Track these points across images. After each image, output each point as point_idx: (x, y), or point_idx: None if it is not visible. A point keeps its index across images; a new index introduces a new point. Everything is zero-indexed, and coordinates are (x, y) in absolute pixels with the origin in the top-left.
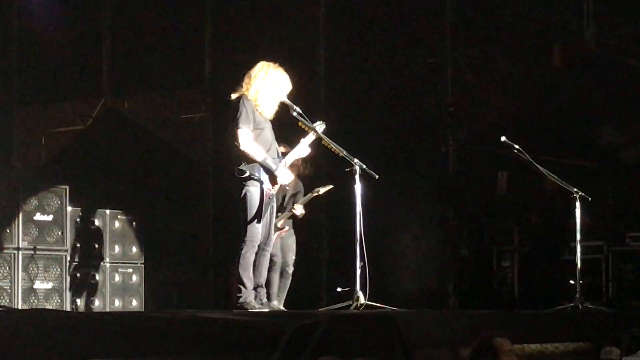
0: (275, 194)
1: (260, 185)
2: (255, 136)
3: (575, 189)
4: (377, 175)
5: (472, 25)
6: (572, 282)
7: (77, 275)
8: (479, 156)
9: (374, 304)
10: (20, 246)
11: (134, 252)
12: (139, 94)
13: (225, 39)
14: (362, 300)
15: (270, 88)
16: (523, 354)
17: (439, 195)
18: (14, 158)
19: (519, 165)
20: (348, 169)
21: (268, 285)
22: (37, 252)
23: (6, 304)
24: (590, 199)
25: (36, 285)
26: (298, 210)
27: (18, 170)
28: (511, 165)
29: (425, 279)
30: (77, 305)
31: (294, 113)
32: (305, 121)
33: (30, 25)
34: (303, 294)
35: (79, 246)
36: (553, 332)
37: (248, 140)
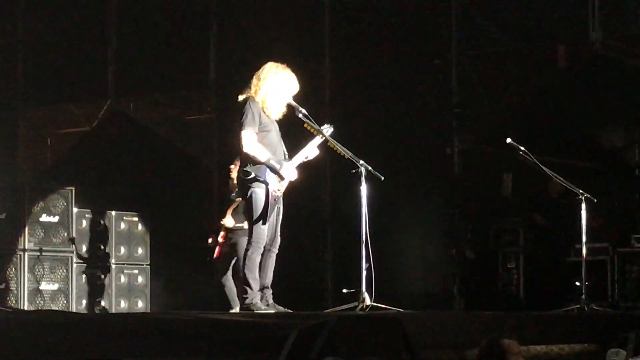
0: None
1: (266, 187)
2: (261, 138)
3: (581, 191)
4: (383, 177)
5: (478, 26)
6: (578, 284)
7: (83, 276)
8: (484, 157)
9: (379, 305)
10: (26, 247)
11: (139, 253)
12: (145, 95)
13: (230, 40)
14: (368, 301)
15: (279, 89)
16: (528, 355)
17: (445, 197)
18: (20, 159)
19: (524, 167)
20: (354, 171)
21: None
22: (43, 254)
23: (12, 305)
24: (595, 200)
25: (42, 286)
26: (228, 223)
27: (24, 171)
28: (516, 167)
29: (431, 280)
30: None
31: (300, 115)
32: (311, 123)
33: (36, 27)
34: (309, 295)
35: (85, 247)
36: (558, 334)
37: (251, 142)
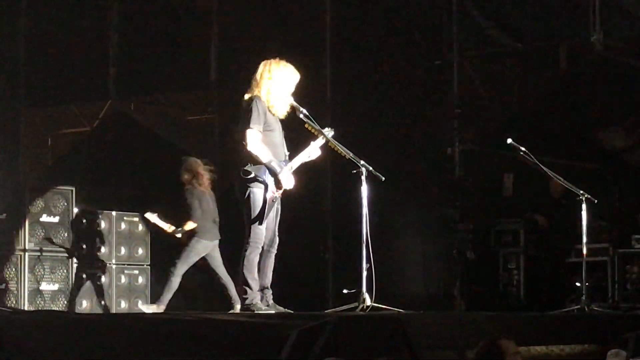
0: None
1: (265, 187)
2: (264, 137)
3: (582, 191)
4: (384, 177)
5: (479, 27)
6: (578, 284)
7: (83, 276)
8: (485, 158)
9: (380, 305)
10: (26, 247)
11: (140, 254)
12: (146, 96)
13: (231, 40)
14: (368, 302)
15: (279, 84)
16: (529, 356)
17: (445, 197)
18: (21, 159)
19: (525, 168)
20: (354, 171)
21: None
22: (43, 254)
23: (12, 305)
24: (596, 201)
25: (42, 286)
26: (151, 218)
27: (24, 171)
28: (517, 168)
29: (431, 280)
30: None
31: (301, 115)
32: (313, 123)
33: (38, 27)
34: (309, 295)
35: (85, 248)
36: (559, 334)
37: (256, 141)
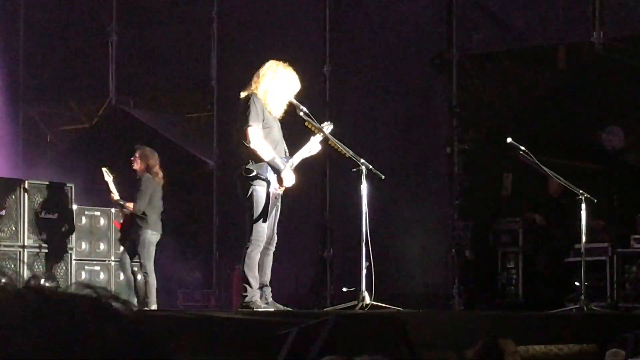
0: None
1: (267, 185)
2: (263, 135)
3: (581, 191)
4: (383, 176)
5: (478, 26)
6: (577, 284)
7: (82, 273)
8: (484, 157)
9: (379, 304)
10: (25, 244)
11: None
12: (145, 93)
13: (231, 38)
14: (368, 300)
15: (279, 86)
16: (527, 355)
17: (444, 196)
18: (20, 156)
19: (525, 167)
20: (354, 169)
21: None
22: (42, 250)
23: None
24: (595, 200)
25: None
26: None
27: (24, 168)
28: (516, 167)
29: (430, 279)
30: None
31: (301, 113)
32: (312, 121)
33: (37, 24)
34: (309, 293)
35: (84, 244)
36: (557, 334)
37: (258, 138)
